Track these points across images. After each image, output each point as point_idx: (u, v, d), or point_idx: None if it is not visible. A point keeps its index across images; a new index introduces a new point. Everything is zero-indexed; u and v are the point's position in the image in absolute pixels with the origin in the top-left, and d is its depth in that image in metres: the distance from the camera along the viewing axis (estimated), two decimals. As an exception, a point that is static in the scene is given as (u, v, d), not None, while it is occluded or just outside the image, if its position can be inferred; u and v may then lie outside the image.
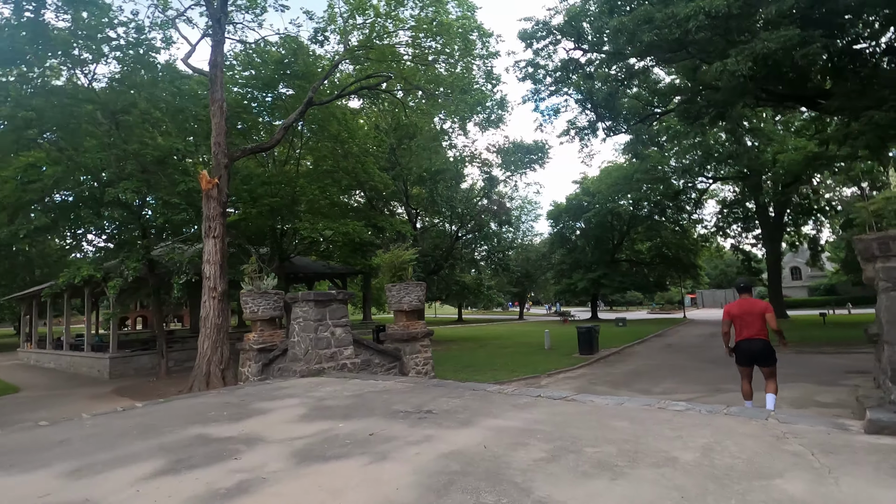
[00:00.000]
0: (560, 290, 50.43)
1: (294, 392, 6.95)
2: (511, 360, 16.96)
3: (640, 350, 19.37)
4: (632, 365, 15.04)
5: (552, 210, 51.30)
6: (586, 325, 17.51)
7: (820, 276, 56.64)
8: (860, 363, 12.51)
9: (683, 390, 10.52)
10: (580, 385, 11.78)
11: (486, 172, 27.55)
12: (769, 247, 36.42)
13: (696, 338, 23.66)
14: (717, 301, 70.14)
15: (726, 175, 39.32)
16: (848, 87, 11.99)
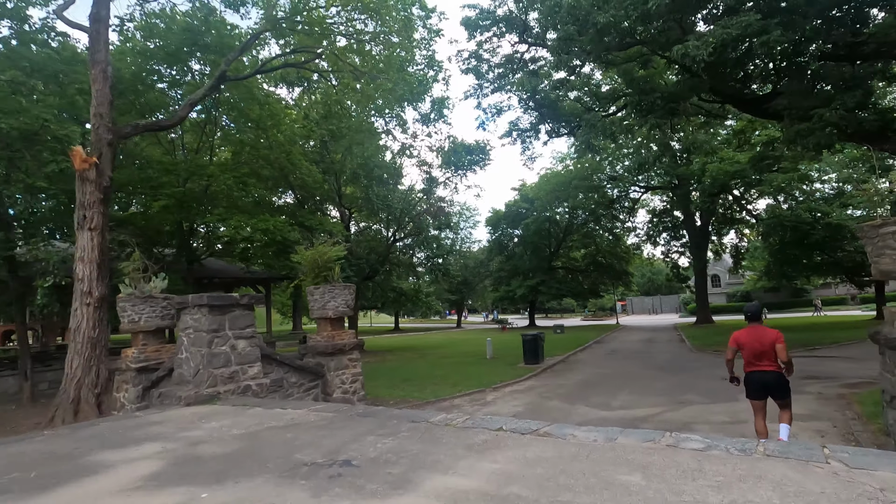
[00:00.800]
0: (498, 297, 49.94)
1: (163, 431, 5.01)
2: (453, 371, 15.49)
3: (584, 357, 18.61)
4: (581, 374, 14.06)
5: (491, 217, 50.96)
6: (531, 333, 16.45)
7: (737, 284, 60.38)
8: (811, 367, 12.23)
9: (644, 403, 9.50)
10: (531, 400, 10.49)
11: (426, 173, 26.13)
12: (696, 254, 37.85)
13: (637, 343, 23.46)
14: (646, 307, 73.17)
15: (657, 185, 40.63)
16: (795, 85, 11.78)
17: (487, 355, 19.20)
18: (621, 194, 43.16)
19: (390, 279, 28.95)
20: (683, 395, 10.05)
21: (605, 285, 51.72)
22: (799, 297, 53.81)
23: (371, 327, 64.83)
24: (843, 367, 12.35)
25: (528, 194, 45.93)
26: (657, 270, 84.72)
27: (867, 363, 12.59)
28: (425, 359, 20.29)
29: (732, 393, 9.89)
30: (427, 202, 28.09)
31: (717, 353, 16.96)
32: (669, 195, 41.10)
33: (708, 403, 9.10)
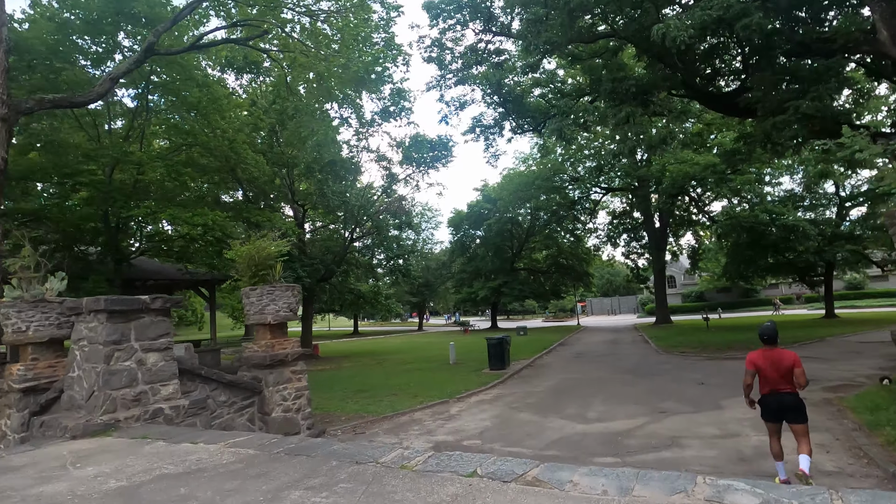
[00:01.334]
0: (461, 299, 49.13)
1: (11, 484, 3.65)
2: (413, 379, 14.34)
3: (551, 361, 17.88)
4: (550, 380, 13.22)
5: (453, 217, 50.12)
6: (497, 337, 15.53)
7: (691, 285, 62.08)
8: None
9: (622, 413, 8.68)
10: (500, 412, 9.50)
11: (385, 169, 24.87)
12: (655, 255, 38.23)
13: (601, 345, 23.03)
14: (605, 308, 74.30)
15: (618, 186, 40.91)
16: (767, 79, 11.39)
17: (450, 360, 18.16)
18: (582, 196, 43.26)
19: (348, 281, 27.46)
20: (662, 402, 9.32)
21: (567, 286, 51.85)
22: (749, 297, 55.82)
23: (329, 331, 62.65)
24: (816, 368, 12.03)
25: (490, 194, 45.34)
26: (615, 272, 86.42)
27: (838, 364, 12.38)
28: (384, 365, 19.03)
29: (713, 399, 9.24)
30: (387, 200, 26.83)
31: (685, 355, 16.59)
32: (629, 197, 41.51)
33: (691, 413, 8.36)
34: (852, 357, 13.30)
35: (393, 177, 25.57)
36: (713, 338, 21.59)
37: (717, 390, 10.09)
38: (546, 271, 50.24)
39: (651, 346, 20.76)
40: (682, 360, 15.34)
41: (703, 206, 35.16)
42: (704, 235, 40.23)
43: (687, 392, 10.13)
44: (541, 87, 24.15)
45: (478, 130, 25.06)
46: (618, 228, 43.57)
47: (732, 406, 8.60)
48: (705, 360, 14.94)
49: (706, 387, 10.62)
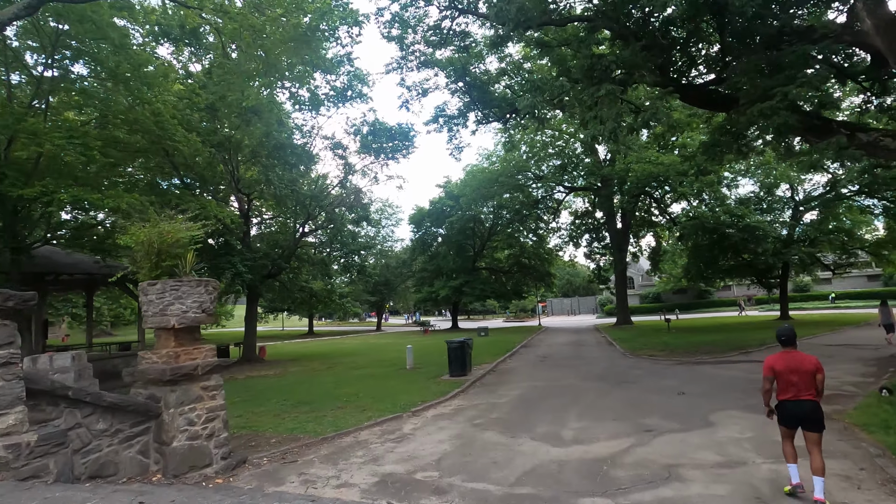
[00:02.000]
0: (421, 298, 47.67)
1: None
2: (364, 388, 12.80)
3: (515, 365, 16.72)
4: (516, 388, 11.98)
5: (414, 214, 48.65)
6: (458, 340, 14.18)
7: (649, 286, 63.03)
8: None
9: (603, 432, 7.49)
10: (461, 431, 8.13)
11: (340, 157, 23.09)
12: (617, 256, 38.07)
13: (565, 347, 22.14)
14: (565, 309, 74.68)
15: (581, 186, 40.56)
16: (751, 63, 10.57)
17: (407, 365, 16.70)
18: (546, 195, 42.74)
19: (299, 278, 25.48)
20: (644, 417, 8.21)
21: (528, 286, 51.33)
22: (703, 298, 57.13)
23: (283, 331, 59.75)
24: None
25: (453, 191, 44.10)
26: (575, 273, 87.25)
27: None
28: (334, 371, 17.34)
29: (700, 413, 8.21)
30: (343, 192, 25.08)
31: (654, 360, 15.79)
32: (592, 197, 41.26)
33: (681, 431, 7.27)
34: (827, 362, 12.72)
35: (349, 167, 23.84)
36: (678, 340, 21.10)
37: (702, 401, 9.10)
38: (508, 271, 49.54)
39: (617, 348, 20.01)
40: (653, 366, 14.48)
41: (664, 207, 35.14)
42: (664, 237, 40.46)
43: (669, 404, 9.09)
44: (508, 76, 23.02)
45: (441, 121, 23.69)
46: (580, 228, 43.30)
47: (724, 422, 7.58)
48: (677, 366, 14.14)
49: (688, 397, 9.64)
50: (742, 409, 8.26)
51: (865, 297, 44.94)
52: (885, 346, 15.20)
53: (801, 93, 9.44)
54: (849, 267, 30.95)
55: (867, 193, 26.44)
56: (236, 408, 10.74)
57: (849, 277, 51.09)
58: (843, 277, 51.05)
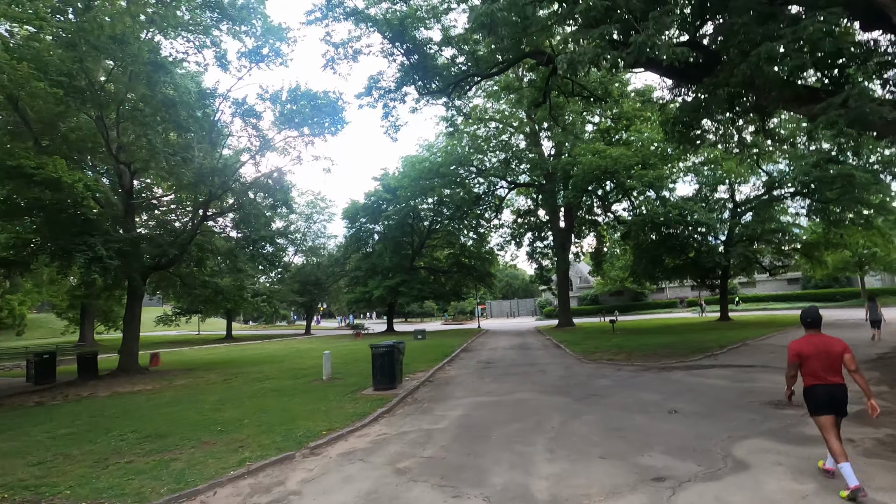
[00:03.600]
0: (354, 298, 43.98)
1: None
2: (255, 409, 9.57)
3: (455, 374, 14.03)
4: (456, 407, 9.25)
5: (348, 208, 44.99)
6: (386, 344, 11.25)
7: (587, 288, 63.08)
8: (752, 384, 8.96)
9: (592, 483, 4.89)
10: (377, 486, 5.25)
11: (254, 127, 19.41)
12: (560, 256, 36.68)
13: (510, 351, 19.79)
14: (504, 311, 73.47)
15: (525, 182, 38.93)
16: (739, 25, 8.60)
17: (324, 375, 13.55)
18: (488, 191, 40.78)
19: (202, 271, 21.38)
20: (642, 453, 5.74)
21: (468, 287, 49.17)
22: (639, 300, 57.77)
23: (199, 335, 53.66)
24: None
25: (390, 184, 40.95)
26: (514, 275, 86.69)
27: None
28: (230, 384, 13.80)
29: (717, 444, 5.84)
30: (256, 167, 21.41)
31: (615, 365, 13.69)
32: (535, 196, 39.77)
33: (707, 479, 4.82)
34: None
35: (265, 141, 20.20)
36: (630, 342, 19.40)
37: (706, 424, 6.82)
38: (447, 271, 47.07)
39: (567, 352, 17.90)
40: (617, 373, 12.32)
41: (608, 205, 34.10)
42: (606, 237, 39.67)
43: (665, 430, 6.72)
44: (452, 46, 20.48)
45: (375, 94, 20.69)
46: (522, 227, 41.73)
47: (758, 461, 5.24)
48: (644, 372, 12.05)
49: (683, 417, 7.36)
50: (770, 438, 6.00)
51: (785, 300, 46.76)
52: (868, 344, 14.36)
53: (820, 28, 7.48)
54: (783, 269, 31.26)
55: (804, 195, 26.51)
56: (41, 448, 7.21)
57: (770, 281, 53.49)
58: (766, 281, 53.42)
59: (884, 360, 11.41)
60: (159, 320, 47.07)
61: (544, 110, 26.89)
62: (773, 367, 11.12)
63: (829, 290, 46.53)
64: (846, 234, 26.34)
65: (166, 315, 46.92)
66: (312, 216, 52.47)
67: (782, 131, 24.09)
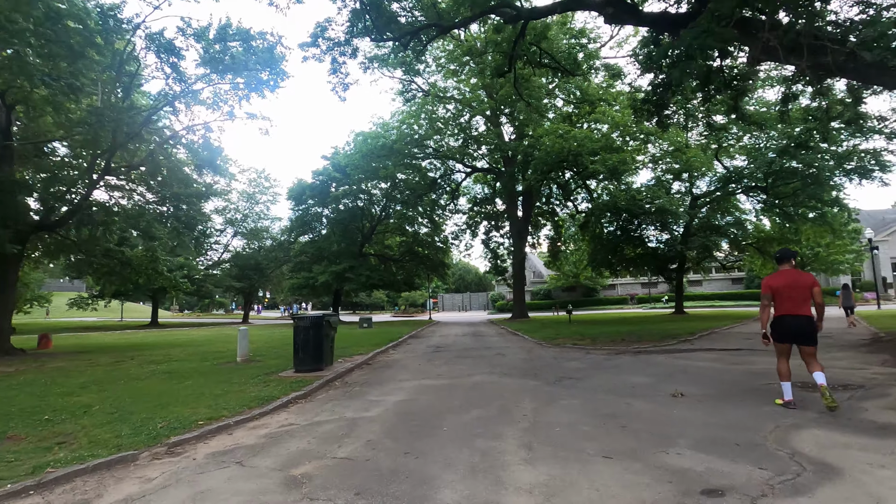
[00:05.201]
0: (296, 284, 40.74)
1: None
2: (123, 392, 7.07)
3: (399, 357, 11.91)
4: (396, 393, 7.14)
5: (293, 188, 41.55)
6: (311, 316, 8.97)
7: (540, 283, 62.51)
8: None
9: (608, 498, 2.97)
10: (265, 486, 3.07)
11: (172, 66, 16.39)
12: (517, 245, 35.28)
13: (464, 338, 17.89)
14: (456, 304, 71.85)
15: (484, 168, 37.25)
16: None
17: (238, 356, 11.08)
18: (444, 175, 38.81)
19: (105, 239, 18.02)
20: (663, 449, 3.88)
21: (421, 277, 47.04)
22: (590, 296, 57.71)
23: (121, 322, 48.49)
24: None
25: (340, 162, 38.05)
26: (466, 269, 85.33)
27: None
28: (117, 366, 11.02)
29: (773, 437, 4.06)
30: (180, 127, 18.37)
31: (583, 349, 12.02)
32: (493, 181, 38.20)
33: (793, 492, 2.98)
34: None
35: (188, 87, 17.20)
36: (591, 331, 17.98)
37: (729, 409, 5.10)
38: (399, 259, 44.71)
39: (526, 338, 16.19)
40: (587, 356, 10.62)
41: (569, 192, 32.95)
42: (564, 229, 38.69)
43: (679, 416, 4.93)
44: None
45: (323, 45, 18.18)
46: (478, 215, 40.08)
47: (839, 455, 3.48)
48: (619, 356, 10.41)
49: (696, 401, 5.61)
50: (835, 428, 4.29)
51: (730, 298, 47.72)
52: (847, 329, 14.11)
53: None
54: (737, 263, 31.23)
55: (761, 189, 26.26)
56: None
57: (715, 280, 54.78)
58: (712, 280, 54.65)
59: (883, 343, 10.30)
60: (73, 304, 42.01)
61: (509, 83, 25.25)
62: (763, 351, 9.75)
63: (772, 289, 47.90)
64: (801, 230, 26.28)
65: (81, 298, 41.97)
66: (255, 196, 48.61)
67: (753, 107, 23.56)
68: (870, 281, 45.70)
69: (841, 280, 44.84)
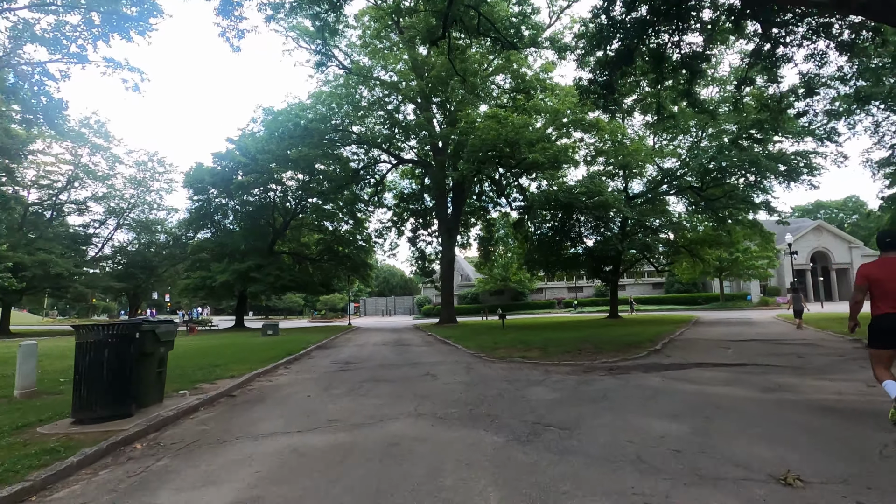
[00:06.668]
0: (190, 285, 34.90)
1: None
2: None
3: (286, 381, 8.33)
4: (237, 473, 3.71)
5: (192, 174, 35.74)
6: (118, 324, 5.30)
7: (468, 286, 60.38)
8: (780, 393, 4.92)
9: None
10: None
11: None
12: (447, 242, 32.46)
13: (383, 348, 14.52)
14: (380, 309, 67.80)
15: (413, 159, 34.10)
16: None
17: (16, 390, 6.98)
18: (369, 166, 35.13)
19: None
20: None
21: (341, 278, 42.81)
22: (518, 300, 56.41)
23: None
24: (785, 381, 5.65)
25: (248, 146, 33.09)
26: (391, 272, 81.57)
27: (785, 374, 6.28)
28: None
29: None
30: None
31: (537, 364, 9.19)
32: (422, 174, 35.17)
33: None
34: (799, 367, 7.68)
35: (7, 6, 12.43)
36: (531, 338, 15.41)
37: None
38: (317, 259, 40.27)
39: (459, 349, 13.18)
40: (550, 377, 7.76)
41: (503, 186, 30.67)
42: (496, 228, 36.55)
43: None
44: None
45: (209, -23, 14.15)
46: (405, 212, 36.80)
47: None
48: (593, 375, 7.65)
49: (829, 492, 2.77)
50: None
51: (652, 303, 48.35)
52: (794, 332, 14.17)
53: None
54: (669, 266, 30.65)
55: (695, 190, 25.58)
56: None
57: (638, 285, 55.72)
58: (634, 285, 55.52)
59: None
60: None
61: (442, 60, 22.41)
62: (766, 364, 7.44)
63: (691, 294, 49.17)
64: (732, 232, 25.88)
65: None
66: (146, 182, 41.77)
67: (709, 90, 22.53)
68: (775, 287, 48.34)
69: (752, 285, 46.98)
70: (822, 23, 12.76)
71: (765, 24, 12.98)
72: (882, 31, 12.41)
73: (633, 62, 13.85)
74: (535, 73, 27.11)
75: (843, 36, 12.84)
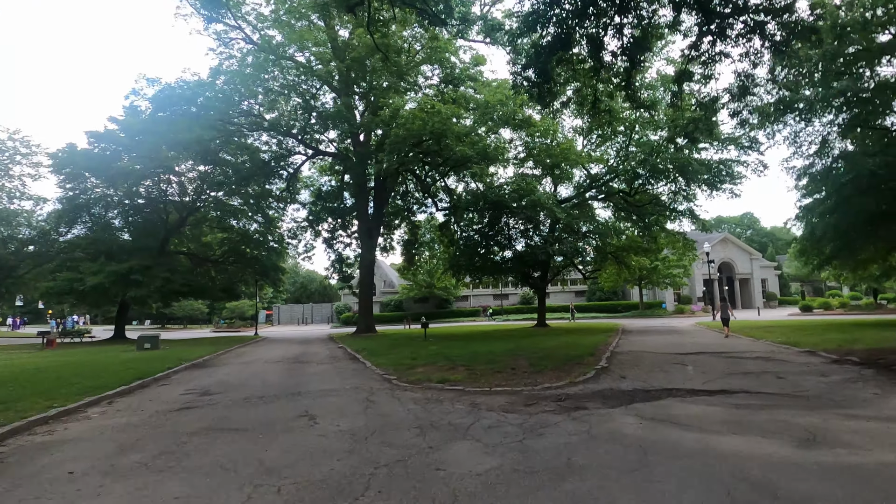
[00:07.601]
0: (54, 289, 28.98)
1: None
2: None
3: (81, 430, 5.38)
4: None
5: (64, 157, 29.95)
6: None
7: (391, 293, 57.56)
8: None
9: None
10: None
11: None
12: (366, 244, 29.69)
13: (274, 367, 11.59)
14: (296, 317, 62.82)
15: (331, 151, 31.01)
16: None
17: None
18: (281, 157, 31.47)
19: None
20: None
21: (248, 284, 38.32)
22: (443, 308, 54.48)
23: None
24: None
25: (134, 126, 28.23)
26: (310, 277, 76.59)
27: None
28: None
29: None
30: None
31: (462, 394, 6.93)
32: (342, 171, 32.13)
33: None
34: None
35: None
36: (454, 350, 13.26)
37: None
38: (221, 261, 35.63)
39: (368, 367, 10.66)
40: (476, 416, 5.51)
41: (429, 184, 28.52)
42: (420, 233, 34.32)
43: None
44: None
45: None
46: (323, 210, 33.41)
47: None
48: (539, 413, 5.51)
49: None
50: None
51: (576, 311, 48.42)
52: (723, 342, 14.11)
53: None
54: (595, 273, 30.08)
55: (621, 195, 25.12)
56: None
57: (561, 293, 55.97)
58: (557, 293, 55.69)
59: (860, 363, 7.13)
60: None
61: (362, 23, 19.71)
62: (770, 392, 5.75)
63: (612, 301, 49.90)
64: (658, 238, 25.63)
65: None
66: (4, 165, 34.86)
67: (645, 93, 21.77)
68: (688, 296, 50.48)
69: (667, 294, 48.62)
70: (758, 21, 12.15)
71: (705, 14, 12.09)
72: (818, 30, 11.79)
73: (571, 48, 12.50)
74: (465, 65, 25.34)
75: (777, 37, 12.32)
